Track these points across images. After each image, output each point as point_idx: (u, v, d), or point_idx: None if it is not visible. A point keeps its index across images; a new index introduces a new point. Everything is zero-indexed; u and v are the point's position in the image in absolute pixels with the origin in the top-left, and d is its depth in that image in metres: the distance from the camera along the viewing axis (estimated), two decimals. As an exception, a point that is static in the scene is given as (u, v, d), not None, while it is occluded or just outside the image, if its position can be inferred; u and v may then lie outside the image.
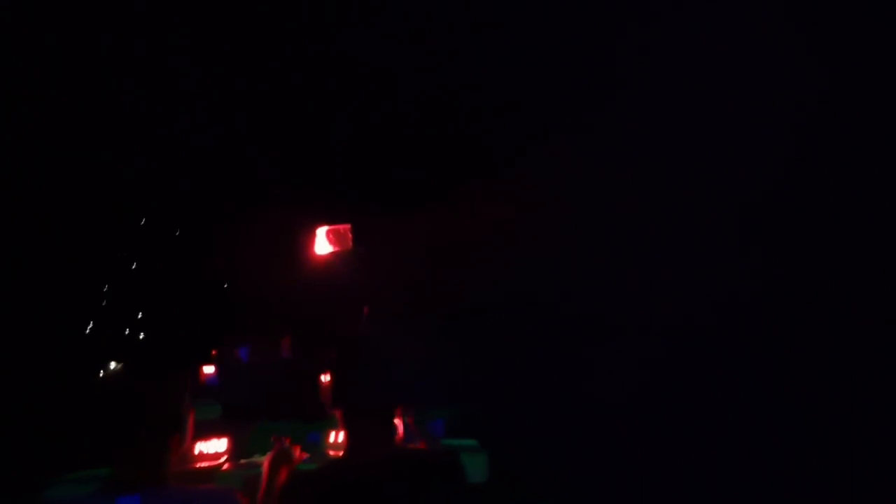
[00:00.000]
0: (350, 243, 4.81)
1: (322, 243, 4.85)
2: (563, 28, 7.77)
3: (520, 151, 7.99)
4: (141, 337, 8.95)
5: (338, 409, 1.68)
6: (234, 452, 2.44)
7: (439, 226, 7.78)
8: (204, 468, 2.35)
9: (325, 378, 4.04)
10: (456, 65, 8.09)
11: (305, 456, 2.11)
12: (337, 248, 4.80)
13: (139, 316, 9.62)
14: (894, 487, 3.78)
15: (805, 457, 4.27)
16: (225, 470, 2.38)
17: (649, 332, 6.36)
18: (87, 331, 9.05)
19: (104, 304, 9.53)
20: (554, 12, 7.71)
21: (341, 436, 2.37)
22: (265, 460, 2.01)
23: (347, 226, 4.90)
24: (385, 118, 8.76)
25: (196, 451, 2.34)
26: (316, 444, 2.41)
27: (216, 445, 2.42)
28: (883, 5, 6.02)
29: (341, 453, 2.19)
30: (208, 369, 3.75)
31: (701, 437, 4.65)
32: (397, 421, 1.69)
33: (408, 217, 7.68)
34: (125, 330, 9.10)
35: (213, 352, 3.91)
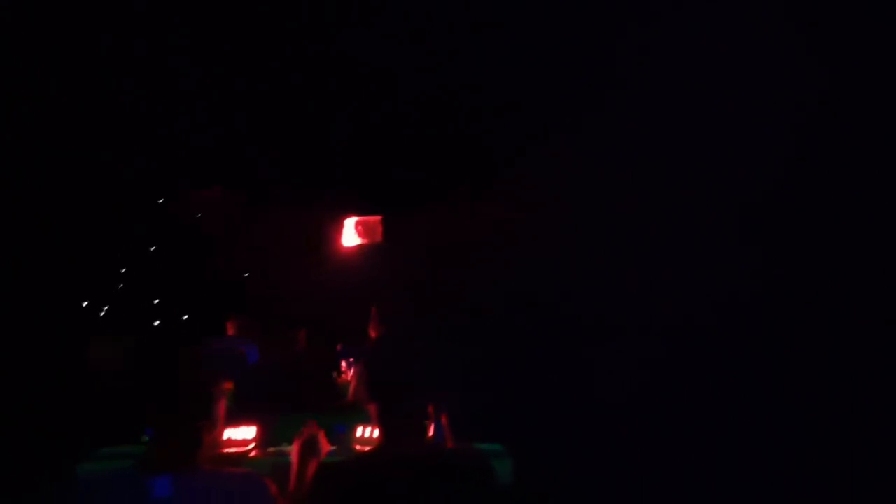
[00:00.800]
0: (380, 236, 4.56)
1: (350, 235, 4.58)
2: (563, 28, 7.77)
3: (520, 151, 7.99)
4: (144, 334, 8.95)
5: (372, 405, 1.68)
6: (262, 440, 2.43)
7: (439, 226, 7.78)
8: (231, 454, 2.34)
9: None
10: (456, 65, 8.09)
11: (329, 448, 2.09)
12: (365, 241, 4.55)
13: (139, 314, 9.63)
14: (894, 487, 3.78)
15: (805, 457, 4.27)
16: (252, 457, 2.38)
17: (649, 332, 6.37)
18: (87, 331, 9.05)
19: (104, 303, 9.54)
20: (554, 12, 7.71)
21: (368, 431, 2.36)
22: (293, 449, 2.00)
23: (378, 218, 4.59)
24: (385, 118, 8.76)
25: (225, 437, 2.33)
26: (342, 435, 2.39)
27: (245, 432, 2.41)
28: (883, 5, 6.03)
29: (367, 448, 2.18)
30: None
31: (701, 437, 4.64)
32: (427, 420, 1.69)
33: (408, 217, 7.68)
34: (125, 328, 9.10)
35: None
